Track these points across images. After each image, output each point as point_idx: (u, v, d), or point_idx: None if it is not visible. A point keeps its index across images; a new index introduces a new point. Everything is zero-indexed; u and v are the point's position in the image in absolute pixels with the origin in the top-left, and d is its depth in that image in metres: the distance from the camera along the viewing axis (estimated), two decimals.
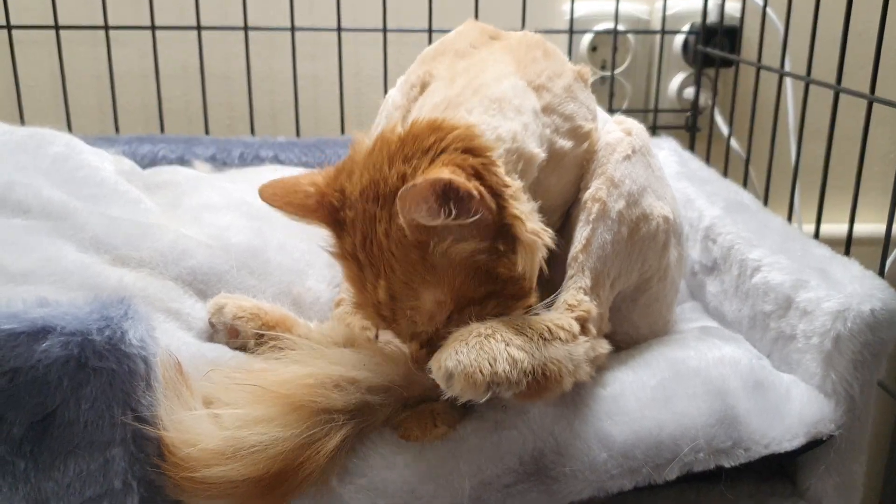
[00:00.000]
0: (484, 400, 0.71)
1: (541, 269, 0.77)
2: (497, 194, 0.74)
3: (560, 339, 0.77)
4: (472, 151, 0.75)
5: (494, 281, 0.75)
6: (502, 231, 0.75)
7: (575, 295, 0.83)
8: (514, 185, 0.76)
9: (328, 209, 0.79)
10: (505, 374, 0.70)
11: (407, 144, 0.75)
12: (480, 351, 0.71)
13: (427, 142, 0.75)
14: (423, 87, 0.90)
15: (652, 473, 0.79)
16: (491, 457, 0.76)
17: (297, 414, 0.72)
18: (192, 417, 0.72)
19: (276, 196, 0.80)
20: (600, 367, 0.84)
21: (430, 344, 0.77)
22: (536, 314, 0.79)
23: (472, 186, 0.70)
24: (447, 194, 0.70)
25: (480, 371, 0.69)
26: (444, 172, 0.70)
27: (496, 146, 0.77)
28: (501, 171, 0.75)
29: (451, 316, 0.76)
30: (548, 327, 0.77)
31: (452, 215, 0.70)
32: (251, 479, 0.70)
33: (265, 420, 0.71)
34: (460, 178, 0.70)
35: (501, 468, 0.76)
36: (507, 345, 0.72)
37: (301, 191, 0.80)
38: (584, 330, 0.81)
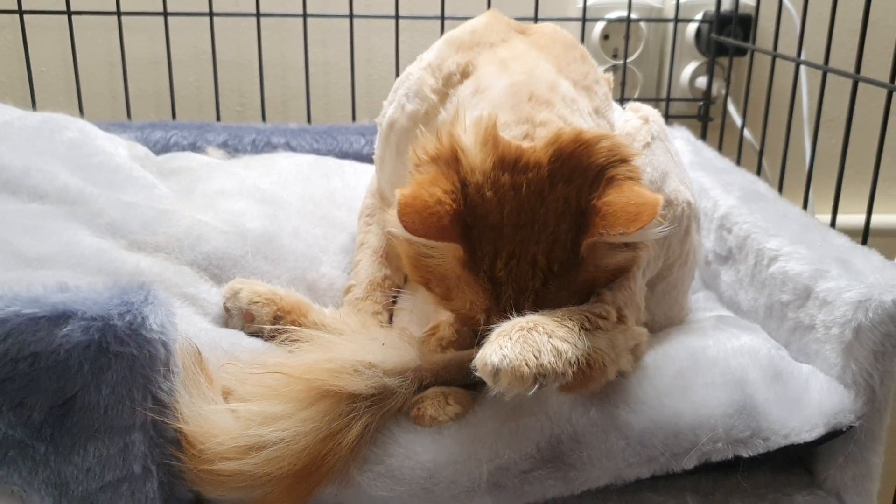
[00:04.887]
0: (531, 393, 0.69)
1: None
2: None
3: (600, 328, 0.76)
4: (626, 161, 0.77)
5: None
6: None
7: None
8: None
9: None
10: (551, 365, 0.69)
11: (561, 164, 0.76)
12: (525, 344, 0.69)
13: (584, 161, 0.76)
14: (464, 75, 0.90)
15: (669, 462, 0.78)
16: (508, 442, 0.76)
17: (317, 406, 0.72)
18: (211, 411, 0.72)
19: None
20: (638, 356, 0.83)
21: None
22: (574, 306, 0.78)
23: None
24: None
25: (526, 364, 0.68)
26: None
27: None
28: None
29: None
30: (587, 317, 0.76)
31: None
32: (275, 477, 0.70)
33: (284, 416, 0.71)
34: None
35: (519, 454, 0.76)
36: (550, 336, 0.71)
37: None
38: (620, 318, 0.80)
